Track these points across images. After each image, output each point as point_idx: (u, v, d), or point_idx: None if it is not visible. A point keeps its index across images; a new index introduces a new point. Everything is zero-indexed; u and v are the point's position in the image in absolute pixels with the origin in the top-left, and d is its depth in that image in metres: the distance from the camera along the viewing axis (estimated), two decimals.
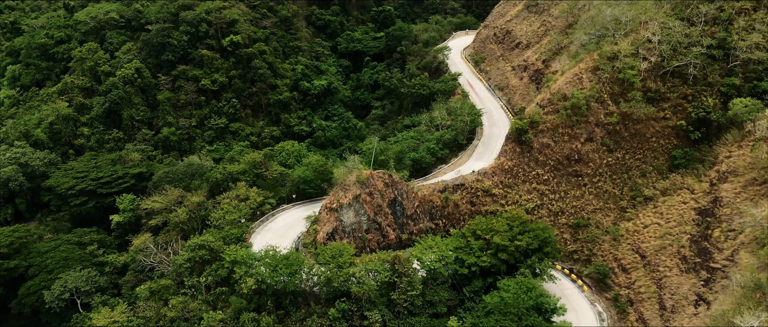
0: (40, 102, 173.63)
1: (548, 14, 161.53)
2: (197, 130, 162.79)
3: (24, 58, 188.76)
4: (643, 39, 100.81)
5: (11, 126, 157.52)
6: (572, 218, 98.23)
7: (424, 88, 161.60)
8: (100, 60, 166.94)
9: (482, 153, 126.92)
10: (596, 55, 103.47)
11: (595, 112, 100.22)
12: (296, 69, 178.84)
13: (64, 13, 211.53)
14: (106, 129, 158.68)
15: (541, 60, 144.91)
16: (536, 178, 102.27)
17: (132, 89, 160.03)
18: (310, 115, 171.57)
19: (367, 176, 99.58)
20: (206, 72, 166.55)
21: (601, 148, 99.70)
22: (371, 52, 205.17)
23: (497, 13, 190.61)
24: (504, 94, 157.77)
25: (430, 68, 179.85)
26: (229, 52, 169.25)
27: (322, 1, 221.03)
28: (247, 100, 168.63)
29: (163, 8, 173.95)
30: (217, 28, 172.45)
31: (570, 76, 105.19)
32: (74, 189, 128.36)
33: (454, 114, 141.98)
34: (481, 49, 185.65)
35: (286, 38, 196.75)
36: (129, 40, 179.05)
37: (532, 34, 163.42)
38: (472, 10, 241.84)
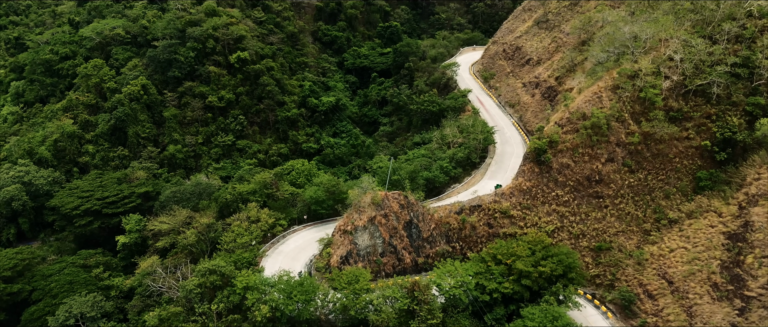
0: (44, 119, 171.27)
1: (559, 30, 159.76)
2: (204, 147, 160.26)
3: (28, 74, 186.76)
4: (665, 57, 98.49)
5: (15, 143, 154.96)
6: (594, 241, 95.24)
7: (434, 104, 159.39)
8: (105, 76, 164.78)
9: (496, 172, 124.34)
10: (616, 73, 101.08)
11: (615, 132, 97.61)
12: (304, 85, 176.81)
13: (69, 29, 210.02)
14: (112, 146, 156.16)
15: (554, 77, 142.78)
16: (556, 200, 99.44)
17: (138, 106, 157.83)
18: (318, 132, 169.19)
19: (383, 197, 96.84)
20: (213, 88, 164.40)
21: (622, 169, 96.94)
22: (378, 68, 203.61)
23: (506, 29, 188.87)
24: (515, 110, 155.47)
25: (439, 84, 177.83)
26: (237, 68, 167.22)
27: (329, 16, 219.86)
28: (254, 117, 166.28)
29: (170, 24, 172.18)
30: (224, 45, 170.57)
31: (589, 94, 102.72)
32: (79, 209, 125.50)
33: (465, 131, 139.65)
34: (490, 65, 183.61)
35: (293, 54, 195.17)
36: (135, 56, 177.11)
37: (542, 51, 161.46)
38: (479, 25, 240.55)
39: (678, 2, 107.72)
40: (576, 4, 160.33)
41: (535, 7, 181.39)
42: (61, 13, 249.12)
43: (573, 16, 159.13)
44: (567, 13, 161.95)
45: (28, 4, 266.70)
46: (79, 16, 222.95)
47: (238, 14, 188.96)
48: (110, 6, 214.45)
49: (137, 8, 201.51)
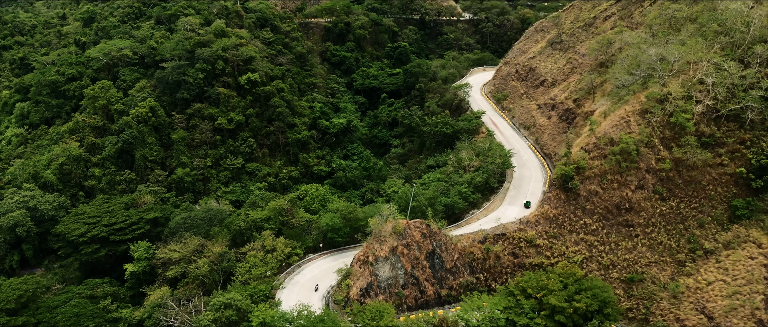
0: (49, 141, 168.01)
1: (574, 51, 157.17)
2: (212, 170, 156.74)
3: (33, 95, 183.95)
4: (695, 80, 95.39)
5: (20, 167, 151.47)
6: (625, 272, 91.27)
7: (448, 126, 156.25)
8: (113, 98, 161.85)
9: (515, 197, 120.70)
10: (644, 97, 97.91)
11: (645, 158, 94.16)
12: (314, 107, 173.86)
13: (76, 50, 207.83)
14: (118, 170, 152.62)
15: (571, 99, 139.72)
16: (584, 228, 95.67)
17: (145, 128, 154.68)
18: (329, 154, 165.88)
19: (404, 226, 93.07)
20: (222, 110, 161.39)
21: (653, 197, 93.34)
22: (388, 89, 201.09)
23: (518, 49, 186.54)
24: (530, 133, 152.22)
25: (451, 106, 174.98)
26: (246, 89, 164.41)
27: (337, 37, 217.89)
28: (264, 140, 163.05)
29: (179, 45, 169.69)
30: (233, 66, 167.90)
31: (616, 118, 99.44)
32: (86, 236, 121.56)
33: (482, 155, 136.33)
34: (503, 86, 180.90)
35: (301, 75, 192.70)
36: (142, 78, 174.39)
37: (557, 72, 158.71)
38: (487, 46, 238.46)
39: (704, 25, 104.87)
40: (591, 25, 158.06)
41: (547, 28, 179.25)
42: (67, 34, 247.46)
43: (588, 37, 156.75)
44: (582, 34, 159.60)
45: (34, 24, 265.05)
46: (85, 36, 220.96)
47: (247, 35, 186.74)
48: (117, 26, 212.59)
49: (145, 29, 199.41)
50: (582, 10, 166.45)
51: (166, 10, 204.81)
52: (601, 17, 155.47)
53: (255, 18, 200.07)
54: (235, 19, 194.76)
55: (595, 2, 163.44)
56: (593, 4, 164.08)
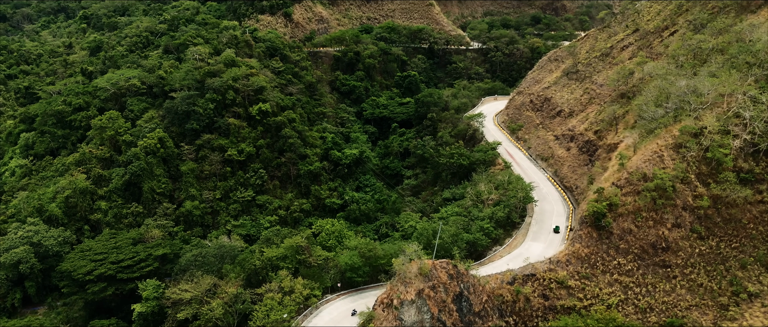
0: (54, 172, 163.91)
1: (591, 81, 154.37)
2: (221, 203, 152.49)
3: (39, 125, 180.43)
4: (730, 113, 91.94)
5: (24, 200, 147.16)
6: (664, 316, 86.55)
7: (464, 157, 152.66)
8: (120, 129, 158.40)
9: (538, 232, 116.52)
10: (677, 130, 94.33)
11: (681, 195, 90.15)
12: (326, 137, 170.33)
13: (83, 79, 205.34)
14: (125, 202, 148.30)
15: (591, 130, 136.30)
16: (618, 269, 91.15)
17: (154, 160, 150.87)
18: (341, 186, 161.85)
19: (430, 267, 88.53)
20: (232, 141, 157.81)
21: (691, 235, 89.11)
22: (398, 118, 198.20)
23: (532, 79, 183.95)
24: (548, 164, 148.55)
25: (465, 136, 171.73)
26: (257, 120, 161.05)
27: (347, 66, 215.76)
28: (275, 171, 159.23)
29: (189, 75, 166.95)
30: (244, 96, 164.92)
31: (648, 153, 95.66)
32: (92, 274, 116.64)
33: (501, 188, 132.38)
34: (517, 116, 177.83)
35: (311, 104, 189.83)
36: (150, 107, 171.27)
37: (574, 102, 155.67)
38: (497, 75, 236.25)
39: (735, 56, 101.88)
40: (608, 54, 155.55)
41: (562, 58, 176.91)
42: (73, 63, 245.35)
43: (605, 67, 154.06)
44: (598, 63, 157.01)
45: (40, 53, 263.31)
46: (92, 65, 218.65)
47: (257, 64, 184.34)
48: (125, 56, 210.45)
49: (153, 58, 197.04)
50: (597, 40, 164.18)
51: (174, 40, 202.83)
52: (618, 47, 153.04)
53: (264, 47, 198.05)
54: (245, 49, 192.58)
55: (610, 32, 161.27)
56: (609, 34, 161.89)
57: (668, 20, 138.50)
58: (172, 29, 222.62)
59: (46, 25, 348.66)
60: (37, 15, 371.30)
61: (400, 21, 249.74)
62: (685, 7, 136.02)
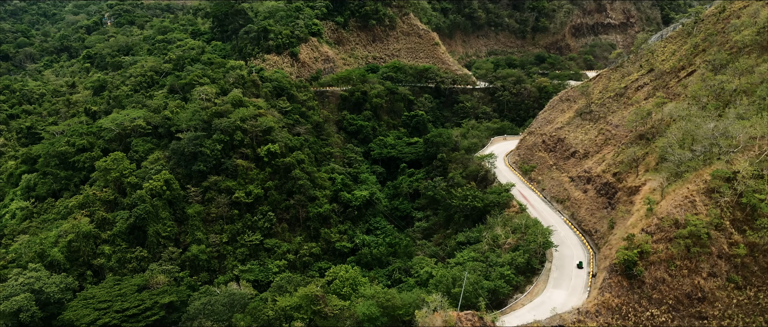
0: (56, 215, 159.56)
1: (606, 122, 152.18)
2: (228, 247, 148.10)
3: (41, 166, 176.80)
4: (763, 157, 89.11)
5: (25, 245, 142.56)
6: None
7: (477, 200, 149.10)
8: (125, 170, 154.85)
9: (559, 279, 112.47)
10: (708, 174, 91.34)
11: (716, 242, 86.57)
12: (335, 179, 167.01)
13: (86, 119, 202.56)
14: (129, 247, 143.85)
15: (609, 172, 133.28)
16: (651, 320, 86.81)
17: (159, 202, 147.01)
18: (352, 229, 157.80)
19: (455, 320, 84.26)
20: (240, 183, 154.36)
21: (728, 285, 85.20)
22: (407, 159, 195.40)
23: (543, 119, 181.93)
24: (564, 207, 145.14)
25: (477, 177, 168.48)
26: (265, 161, 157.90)
27: (354, 106, 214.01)
28: (283, 213, 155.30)
29: (195, 115, 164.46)
30: (252, 137, 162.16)
31: (679, 198, 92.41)
32: (96, 324, 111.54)
33: (518, 232, 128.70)
34: (529, 157, 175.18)
35: (318, 144, 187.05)
36: (155, 148, 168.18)
37: (589, 143, 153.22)
38: (504, 114, 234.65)
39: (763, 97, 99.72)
40: (622, 95, 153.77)
41: (574, 98, 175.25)
42: (76, 102, 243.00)
43: (620, 108, 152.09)
44: (613, 104, 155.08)
45: (43, 93, 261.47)
46: (96, 105, 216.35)
47: (264, 104, 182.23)
48: (130, 95, 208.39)
49: (158, 98, 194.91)
50: (611, 80, 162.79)
51: (180, 79, 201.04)
52: (632, 87, 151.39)
53: (271, 87, 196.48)
54: (252, 89, 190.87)
55: (624, 72, 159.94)
56: (622, 73, 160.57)
57: (684, 60, 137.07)
58: (177, 69, 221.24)
59: (49, 65, 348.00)
60: (39, 54, 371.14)
61: (406, 60, 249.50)
62: (701, 47, 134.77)
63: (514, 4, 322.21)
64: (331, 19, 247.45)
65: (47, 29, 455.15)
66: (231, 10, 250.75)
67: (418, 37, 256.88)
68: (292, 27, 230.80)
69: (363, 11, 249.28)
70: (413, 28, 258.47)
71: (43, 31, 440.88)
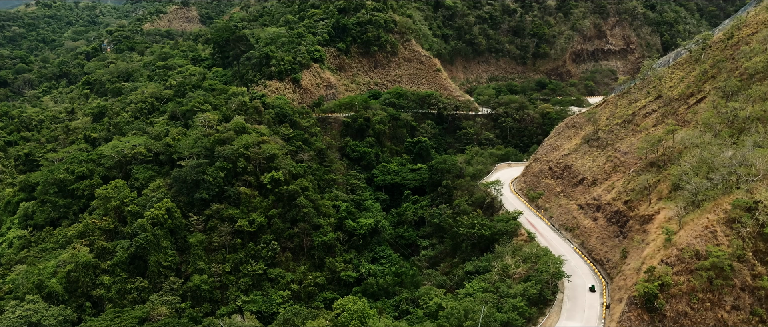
0: (54, 244, 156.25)
1: (614, 149, 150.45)
2: (231, 277, 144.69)
3: (39, 194, 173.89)
4: None
5: (23, 276, 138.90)
6: None
7: (485, 228, 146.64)
8: (126, 199, 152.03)
9: (572, 310, 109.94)
10: (728, 204, 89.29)
11: (739, 274, 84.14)
12: (339, 206, 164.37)
13: (86, 146, 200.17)
14: (130, 277, 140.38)
15: (620, 200, 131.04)
16: None
17: (161, 232, 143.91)
18: (357, 258, 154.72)
19: None
20: (243, 211, 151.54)
21: (752, 319, 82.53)
22: (411, 185, 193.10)
23: (549, 146, 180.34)
24: (574, 235, 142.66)
25: (483, 204, 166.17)
26: (269, 189, 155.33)
27: (356, 132, 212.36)
28: (287, 242, 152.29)
29: (198, 142, 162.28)
30: (255, 164, 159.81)
31: (699, 228, 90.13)
32: None
33: (529, 261, 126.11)
34: (535, 184, 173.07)
35: (321, 171, 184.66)
36: (157, 175, 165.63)
37: (597, 170, 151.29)
38: (508, 140, 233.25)
39: None
40: (630, 121, 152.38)
41: (580, 124, 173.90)
42: (76, 129, 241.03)
43: (628, 135, 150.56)
44: (620, 130, 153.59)
45: (41, 119, 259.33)
46: (95, 132, 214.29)
47: (267, 131, 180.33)
48: (130, 122, 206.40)
49: (159, 124, 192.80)
50: (618, 107, 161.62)
51: (181, 106, 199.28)
52: (640, 114, 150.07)
53: (274, 113, 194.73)
54: (254, 115, 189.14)
55: (631, 98, 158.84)
56: (629, 100, 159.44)
57: (693, 87, 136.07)
58: (178, 95, 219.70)
59: (48, 91, 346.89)
60: (38, 80, 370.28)
61: (408, 86, 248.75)
62: (710, 73, 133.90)
63: (514, 31, 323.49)
64: (332, 46, 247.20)
65: (46, 55, 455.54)
66: (232, 36, 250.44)
67: (419, 63, 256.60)
68: (294, 53, 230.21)
69: (365, 37, 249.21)
70: (415, 54, 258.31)
71: (42, 58, 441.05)
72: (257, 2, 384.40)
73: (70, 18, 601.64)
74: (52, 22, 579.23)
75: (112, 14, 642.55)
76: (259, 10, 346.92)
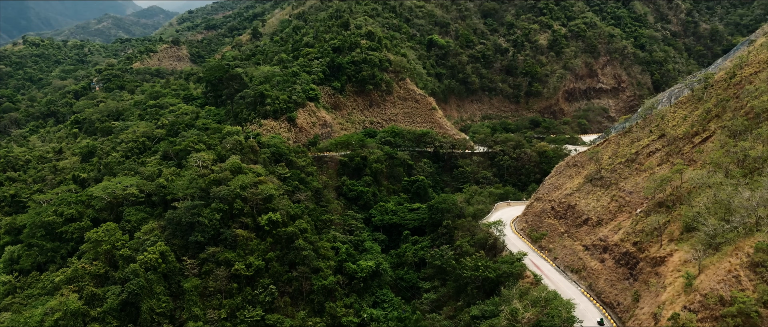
0: (41, 290, 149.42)
1: (618, 188, 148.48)
2: (227, 323, 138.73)
3: (26, 237, 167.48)
4: None
5: (8, 324, 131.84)
6: None
7: (490, 270, 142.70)
8: (118, 242, 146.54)
9: None
10: (750, 247, 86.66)
11: (766, 321, 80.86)
12: (338, 248, 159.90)
13: (75, 187, 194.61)
14: (121, 325, 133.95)
15: (629, 241, 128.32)
16: None
17: (154, 276, 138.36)
18: (358, 302, 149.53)
19: None
20: (240, 254, 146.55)
21: None
22: (410, 225, 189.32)
23: (550, 185, 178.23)
24: (581, 277, 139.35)
25: (485, 245, 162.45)
26: (266, 231, 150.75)
27: (353, 171, 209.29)
28: (285, 286, 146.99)
29: (193, 183, 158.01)
30: (252, 205, 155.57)
31: (721, 273, 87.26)
32: None
33: (538, 305, 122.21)
34: (538, 224, 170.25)
35: (318, 211, 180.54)
36: (150, 217, 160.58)
37: (602, 210, 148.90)
38: (505, 179, 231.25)
39: None
40: (633, 160, 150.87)
41: (582, 163, 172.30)
42: (64, 169, 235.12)
43: (632, 174, 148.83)
44: (624, 170, 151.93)
45: (28, 159, 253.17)
46: (85, 172, 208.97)
47: (263, 171, 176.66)
48: (121, 162, 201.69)
49: (151, 164, 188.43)
50: (620, 146, 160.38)
51: (174, 145, 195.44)
52: (643, 153, 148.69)
53: (269, 153, 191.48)
54: (250, 155, 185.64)
55: (633, 137, 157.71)
56: (631, 138, 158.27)
57: (698, 126, 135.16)
58: (171, 134, 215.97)
59: (35, 130, 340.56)
60: (25, 119, 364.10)
61: (403, 125, 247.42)
62: (714, 112, 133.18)
63: (507, 69, 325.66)
64: (327, 84, 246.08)
65: (33, 94, 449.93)
66: (225, 75, 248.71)
67: (414, 102, 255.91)
68: (289, 92, 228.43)
69: (360, 76, 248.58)
70: (410, 93, 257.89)
71: (29, 96, 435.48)
72: (249, 41, 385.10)
73: (58, 57, 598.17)
74: (39, 60, 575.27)
75: (100, 53, 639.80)
76: (252, 49, 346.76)
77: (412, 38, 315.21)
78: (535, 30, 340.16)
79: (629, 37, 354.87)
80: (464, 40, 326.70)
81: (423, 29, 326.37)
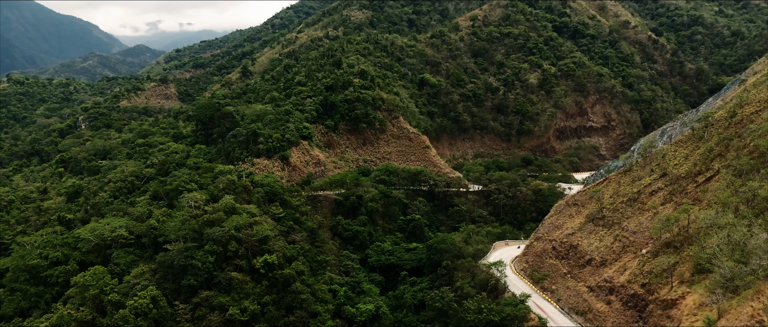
0: None
1: (621, 228, 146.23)
2: None
3: (9, 282, 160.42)
4: None
5: None
6: None
7: (493, 313, 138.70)
8: (106, 287, 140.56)
9: None
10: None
11: None
12: (336, 291, 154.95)
13: (61, 229, 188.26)
14: None
15: (636, 283, 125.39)
16: None
17: (145, 323, 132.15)
18: None
19: None
20: (234, 298, 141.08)
21: None
22: (407, 266, 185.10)
23: (550, 225, 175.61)
24: (586, 320, 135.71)
25: (487, 286, 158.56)
26: (262, 274, 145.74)
27: (348, 210, 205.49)
28: None
29: (185, 224, 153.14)
30: (247, 247, 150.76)
31: (744, 318, 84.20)
32: None
33: None
34: (539, 265, 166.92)
35: (313, 252, 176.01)
36: (140, 260, 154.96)
37: (605, 250, 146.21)
38: (501, 217, 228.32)
39: None
40: (636, 200, 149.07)
41: (582, 202, 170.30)
42: (48, 209, 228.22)
43: (634, 213, 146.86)
44: (626, 209, 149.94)
45: (11, 200, 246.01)
46: (71, 213, 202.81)
47: (257, 211, 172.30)
48: (109, 202, 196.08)
49: (141, 205, 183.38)
50: (621, 185, 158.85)
51: (165, 185, 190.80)
52: (646, 192, 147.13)
53: (263, 192, 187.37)
54: (244, 194, 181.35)
55: (634, 176, 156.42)
56: (632, 178, 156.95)
57: (700, 165, 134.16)
58: (161, 174, 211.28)
59: (19, 169, 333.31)
60: (8, 158, 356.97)
61: (397, 163, 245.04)
62: (716, 151, 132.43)
63: (498, 108, 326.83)
64: (321, 122, 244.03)
65: (17, 133, 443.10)
66: (216, 113, 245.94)
67: (408, 141, 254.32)
68: (282, 130, 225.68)
69: (353, 115, 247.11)
70: (403, 131, 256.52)
71: (13, 135, 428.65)
72: (239, 79, 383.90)
73: (42, 95, 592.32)
74: (23, 99, 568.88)
75: (86, 91, 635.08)
76: (242, 87, 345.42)
77: (404, 77, 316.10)
78: (525, 69, 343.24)
79: (617, 77, 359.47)
80: (455, 78, 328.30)
81: (414, 68, 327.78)
